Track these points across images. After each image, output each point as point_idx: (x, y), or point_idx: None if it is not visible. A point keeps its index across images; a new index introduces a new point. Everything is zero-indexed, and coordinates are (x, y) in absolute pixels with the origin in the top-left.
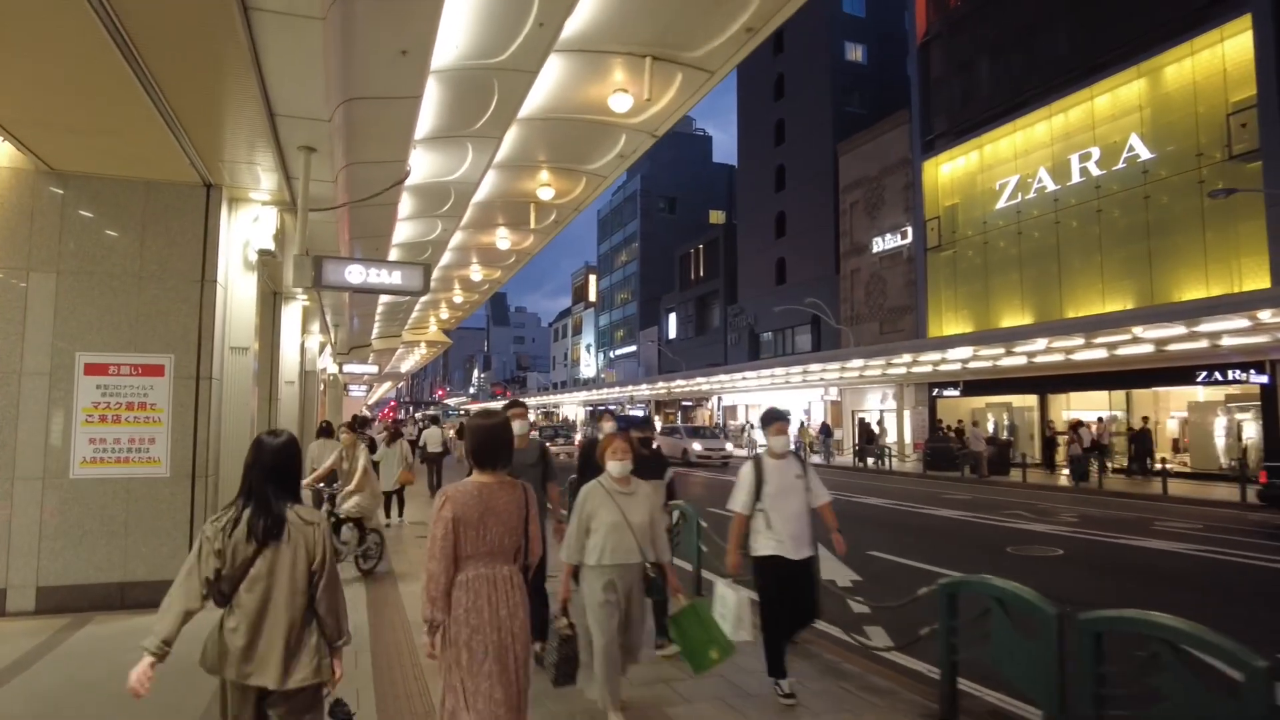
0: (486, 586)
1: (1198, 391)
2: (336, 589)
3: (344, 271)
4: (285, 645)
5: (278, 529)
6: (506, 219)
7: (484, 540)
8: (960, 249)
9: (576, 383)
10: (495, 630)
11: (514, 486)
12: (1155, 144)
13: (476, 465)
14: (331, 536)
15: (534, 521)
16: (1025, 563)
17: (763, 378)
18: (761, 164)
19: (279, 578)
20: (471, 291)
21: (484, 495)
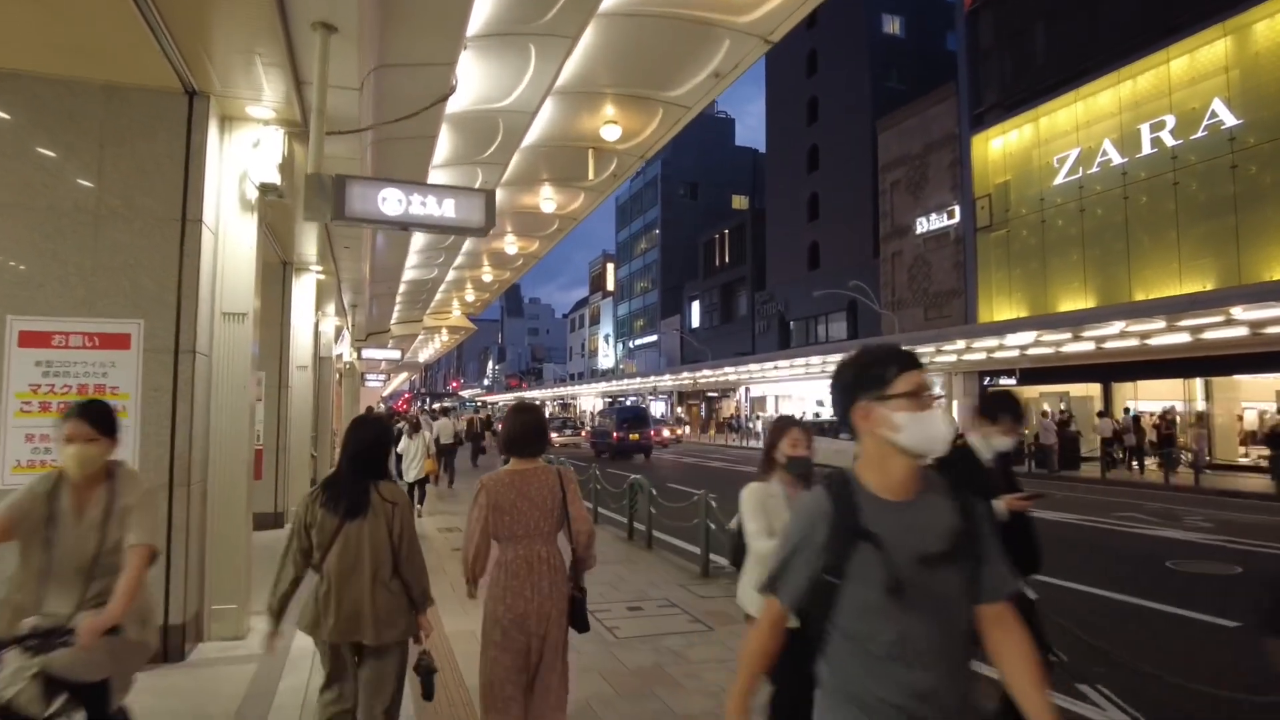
0: (523, 567)
1: None
2: (417, 557)
3: (377, 198)
4: (374, 607)
5: (360, 507)
6: (555, 173)
7: (519, 524)
8: (1014, 228)
9: (594, 374)
10: (526, 609)
11: (548, 472)
12: (1244, 109)
13: (509, 453)
14: (411, 508)
15: (574, 502)
16: (1207, 584)
17: (796, 367)
18: (792, 144)
19: (364, 548)
20: (503, 269)
21: (516, 482)
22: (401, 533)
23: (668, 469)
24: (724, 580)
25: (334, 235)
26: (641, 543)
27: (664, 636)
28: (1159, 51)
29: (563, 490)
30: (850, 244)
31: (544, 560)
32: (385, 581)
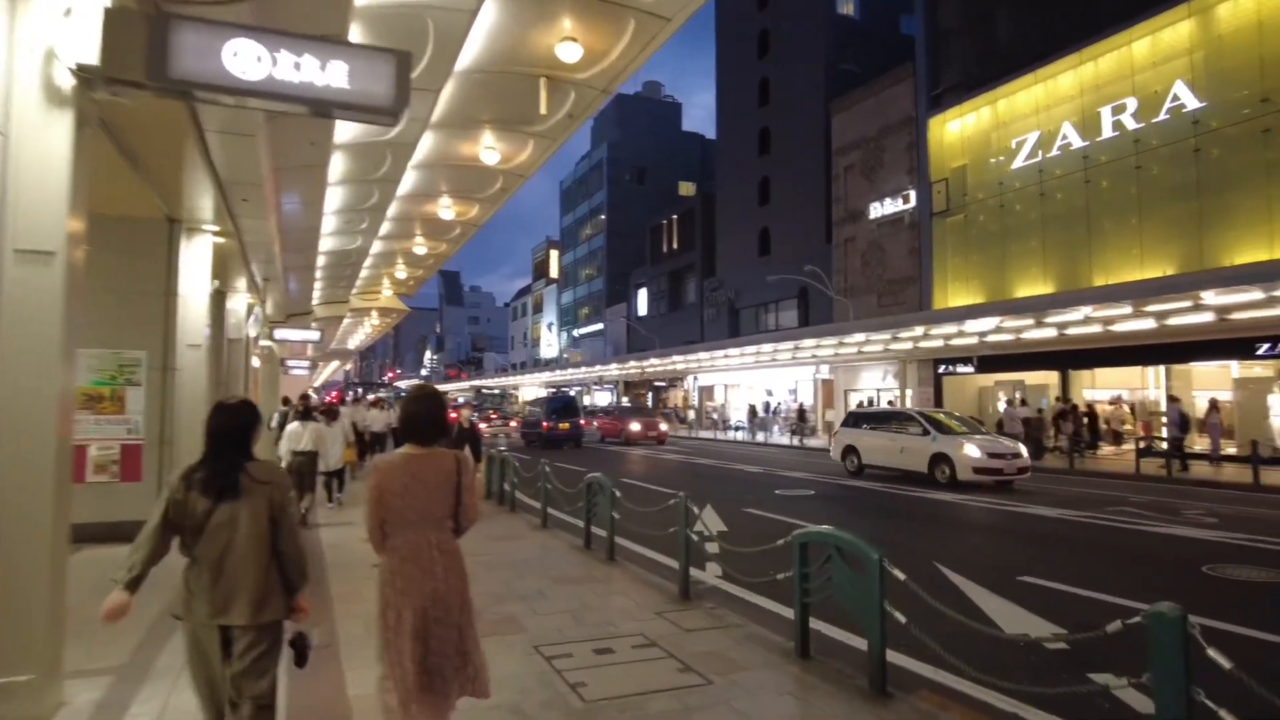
0: (412, 552)
1: (1234, 366)
2: (295, 537)
3: (222, 52)
4: (248, 588)
5: (232, 488)
6: (499, 112)
7: (411, 509)
8: (971, 213)
9: (538, 363)
10: (418, 595)
11: (444, 456)
12: (1207, 91)
13: (404, 440)
14: (291, 492)
15: (468, 490)
16: (1263, 595)
17: (747, 355)
18: (743, 127)
19: (239, 529)
20: (438, 239)
21: (410, 465)
22: (279, 513)
23: (621, 463)
24: (710, 604)
25: (226, 184)
26: (601, 552)
27: (649, 698)
28: (1121, 33)
29: (459, 476)
30: (802, 230)
31: (435, 545)
32: (261, 562)
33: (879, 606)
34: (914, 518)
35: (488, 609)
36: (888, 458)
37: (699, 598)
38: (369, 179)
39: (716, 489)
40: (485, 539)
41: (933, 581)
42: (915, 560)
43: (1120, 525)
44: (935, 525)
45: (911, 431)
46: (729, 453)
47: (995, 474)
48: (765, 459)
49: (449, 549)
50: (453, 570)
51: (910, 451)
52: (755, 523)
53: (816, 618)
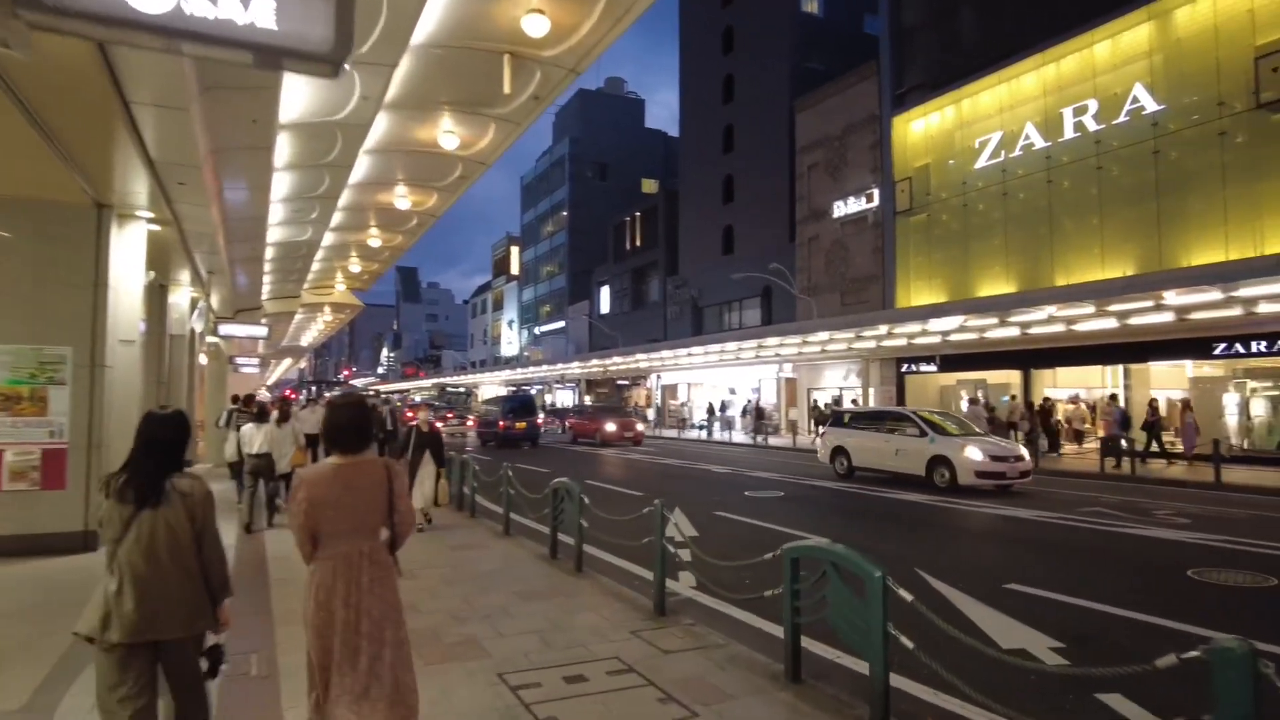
0: (343, 564)
1: (1188, 366)
2: (217, 548)
3: None
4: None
5: (153, 496)
6: (458, 93)
7: (343, 519)
8: (934, 212)
9: (498, 361)
10: (346, 607)
11: (374, 465)
12: (1166, 94)
13: (331, 448)
14: (211, 502)
15: (401, 496)
16: (1251, 602)
17: (710, 353)
18: (707, 124)
19: (159, 539)
20: (394, 230)
21: (341, 475)
22: (202, 524)
23: (587, 464)
24: (688, 619)
25: (160, 165)
26: (568, 562)
27: None
28: (1083, 34)
29: (390, 484)
30: (766, 228)
31: (366, 556)
32: (189, 573)
33: (882, 630)
34: (899, 521)
35: (447, 630)
36: (881, 460)
37: (675, 612)
38: (319, 164)
39: (685, 490)
40: (445, 549)
41: (916, 590)
42: (896, 567)
43: (1098, 527)
44: (919, 529)
45: (908, 433)
46: (695, 452)
47: (998, 478)
48: (732, 459)
49: (379, 560)
50: (381, 581)
51: (906, 453)
52: (728, 527)
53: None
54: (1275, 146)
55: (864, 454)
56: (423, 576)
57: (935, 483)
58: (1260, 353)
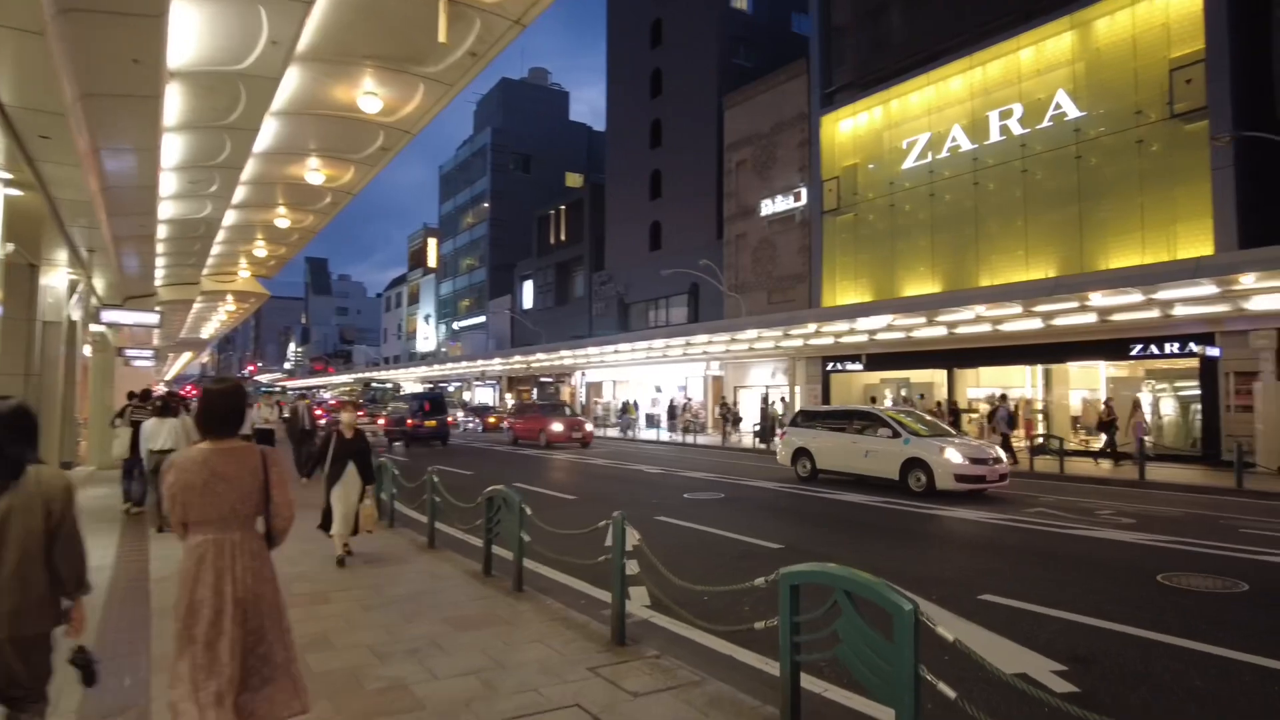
0: (213, 552)
1: (1102, 367)
2: (76, 546)
3: None
4: (18, 596)
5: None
6: (382, 45)
7: (212, 506)
8: (861, 212)
9: (413, 357)
10: (217, 596)
11: (248, 452)
12: (1088, 102)
13: (202, 432)
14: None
15: (277, 486)
16: (1225, 608)
17: (637, 351)
18: (634, 118)
19: (11, 534)
20: (304, 210)
21: (210, 462)
22: (60, 521)
23: (507, 464)
24: (651, 650)
25: (11, 111)
26: (504, 579)
27: None
28: (1009, 40)
29: (265, 473)
30: (694, 225)
31: (238, 545)
32: (33, 571)
33: (912, 675)
34: (862, 527)
35: (369, 672)
36: (849, 462)
37: (634, 640)
38: (218, 125)
39: (618, 493)
40: (361, 564)
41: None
42: None
43: (1050, 529)
44: (885, 536)
45: (880, 433)
46: (624, 452)
47: (977, 481)
48: (662, 458)
49: (253, 549)
50: (256, 572)
51: (878, 455)
52: (675, 534)
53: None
54: (1188, 155)
55: (830, 455)
56: (337, 600)
57: (910, 486)
58: (1173, 354)
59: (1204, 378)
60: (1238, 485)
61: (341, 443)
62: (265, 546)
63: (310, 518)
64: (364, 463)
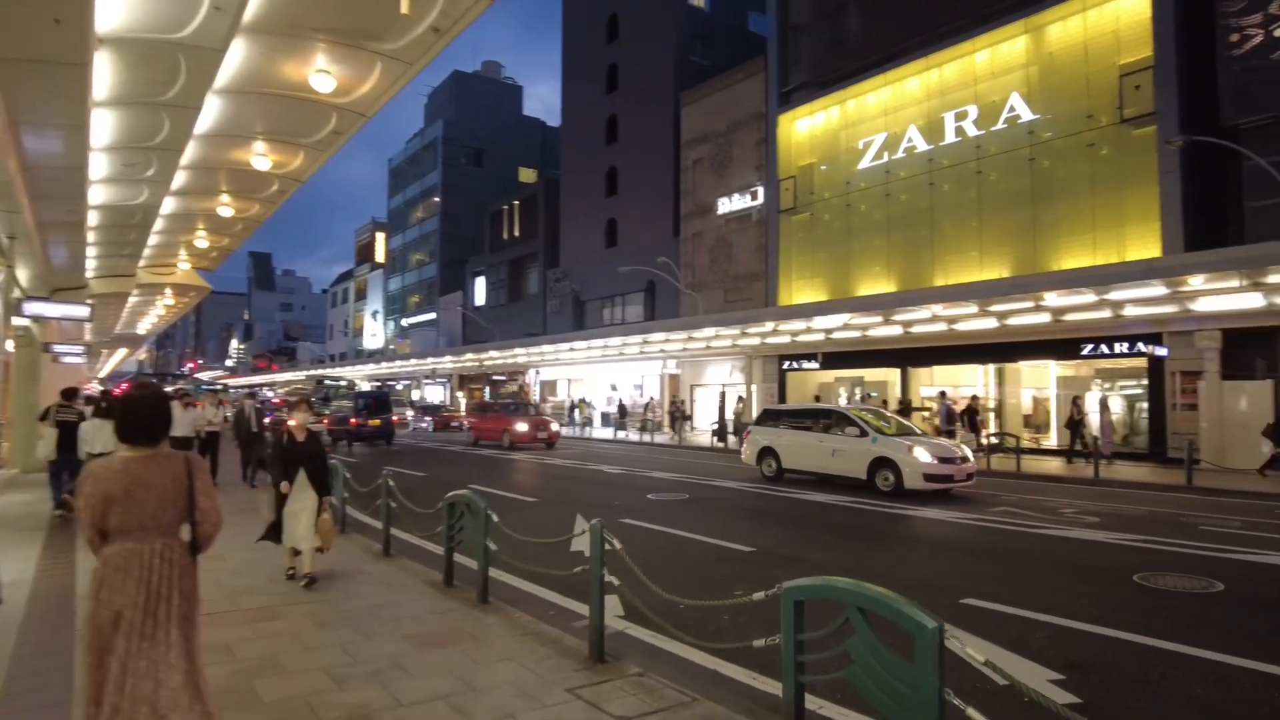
0: (134, 561)
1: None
2: None
3: None
4: None
5: None
6: (337, 18)
7: (133, 515)
8: (818, 211)
9: (360, 354)
10: (133, 608)
11: (172, 460)
12: (1041, 105)
13: (123, 440)
14: None
15: (203, 494)
16: (1204, 608)
17: (594, 348)
18: (590, 113)
19: None
20: (249, 198)
21: (131, 470)
22: None
23: (462, 465)
24: (633, 667)
25: None
26: (467, 590)
27: None
28: (966, 42)
29: (190, 480)
30: (650, 222)
31: (158, 554)
32: None
33: (936, 699)
34: (834, 528)
35: (326, 699)
36: (816, 461)
37: (613, 655)
38: (156, 100)
39: (579, 494)
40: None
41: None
42: None
43: (1020, 529)
44: (859, 538)
45: (847, 432)
46: (582, 452)
47: (945, 480)
48: (622, 458)
49: (174, 558)
50: (174, 581)
51: (845, 454)
52: (643, 538)
53: None
54: (1137, 159)
55: (796, 455)
56: (288, 615)
57: (878, 486)
58: (1123, 354)
59: (1151, 377)
60: (1188, 482)
61: (292, 446)
62: (188, 555)
63: (255, 523)
64: (319, 470)
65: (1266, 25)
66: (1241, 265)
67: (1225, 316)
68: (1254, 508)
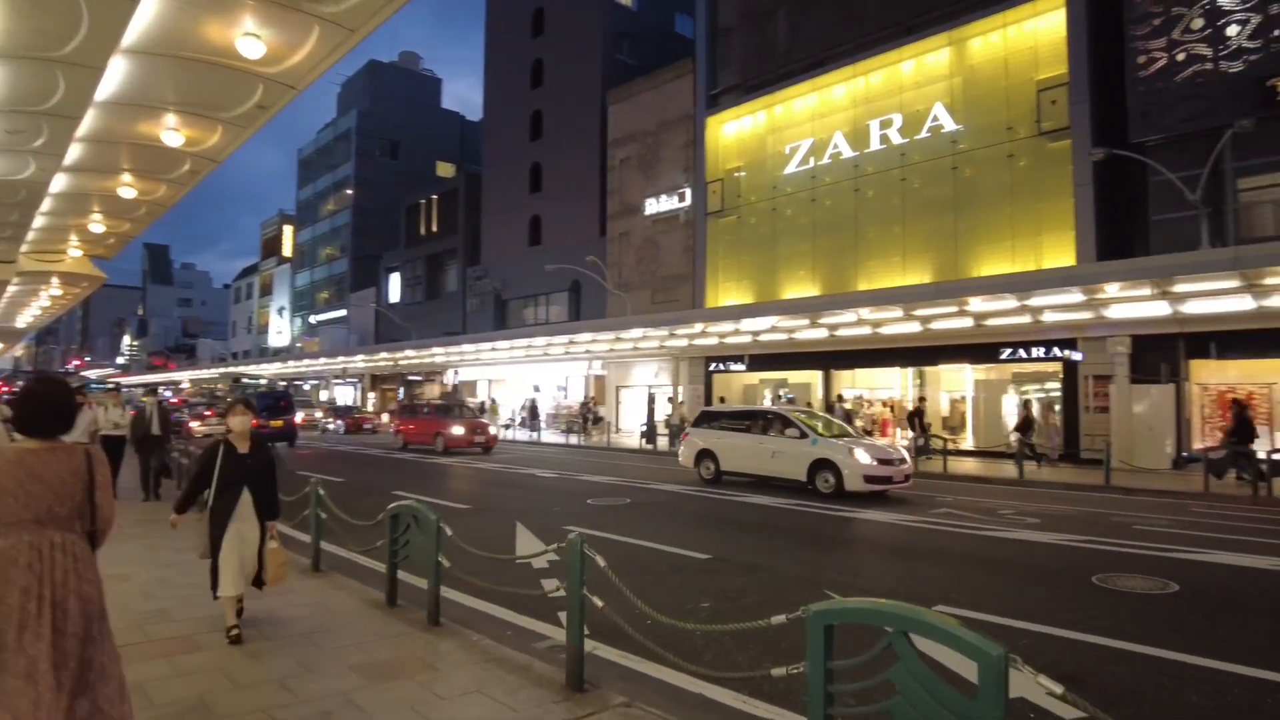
0: (25, 554)
1: (968, 370)
2: None
3: None
4: None
5: None
6: None
7: (26, 506)
8: (744, 215)
9: (265, 352)
10: (33, 599)
11: (71, 453)
12: (964, 115)
13: (23, 432)
14: None
15: (102, 489)
16: (1164, 609)
17: (517, 348)
18: (514, 108)
19: None
20: (156, 179)
21: (27, 461)
22: None
23: (386, 470)
24: (617, 697)
25: None
26: (414, 610)
27: None
28: (892, 51)
29: (90, 474)
30: (576, 220)
31: (58, 547)
32: None
33: None
34: (785, 532)
35: None
36: (755, 463)
37: (593, 683)
38: (48, 56)
39: (516, 500)
40: None
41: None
42: (807, 590)
43: (966, 531)
44: (813, 542)
45: (787, 434)
46: (510, 455)
47: (885, 482)
48: (551, 461)
49: (75, 551)
50: (78, 574)
51: (785, 456)
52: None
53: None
54: (1053, 170)
55: (735, 457)
56: (212, 646)
57: (819, 488)
58: (1039, 358)
59: (1066, 381)
60: (1106, 482)
61: (233, 460)
62: (88, 548)
63: (164, 536)
64: (266, 489)
65: (1170, 50)
66: (1153, 274)
67: (1135, 324)
68: (1170, 505)
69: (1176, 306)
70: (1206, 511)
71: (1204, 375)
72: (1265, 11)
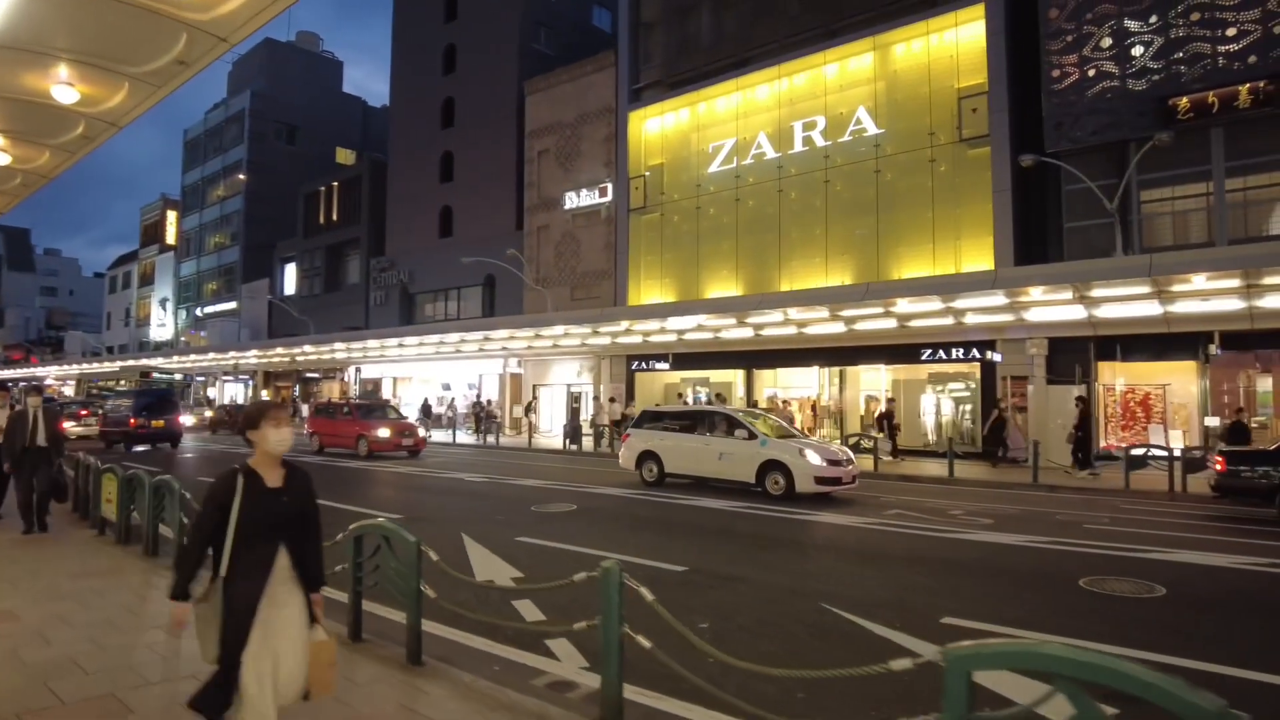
0: None
1: (883, 370)
2: None
3: None
4: None
5: None
6: None
7: None
8: (667, 212)
9: (144, 347)
10: None
11: None
12: (886, 120)
13: None
14: None
15: None
16: (1160, 613)
17: (427, 344)
18: (424, 94)
19: None
20: (39, 142)
21: None
22: None
23: None
24: None
25: None
26: (383, 646)
27: None
28: (816, 53)
29: None
30: (491, 212)
31: None
32: None
33: None
34: (746, 538)
35: None
36: (701, 465)
37: None
38: None
39: (455, 508)
40: (165, 630)
41: (851, 634)
42: (797, 602)
43: (929, 534)
44: (780, 548)
45: (735, 435)
46: (439, 459)
47: (834, 483)
48: (476, 464)
49: None
50: None
51: (733, 458)
52: (548, 558)
53: None
54: (972, 176)
55: (680, 458)
56: (142, 709)
57: (768, 490)
58: (959, 359)
59: (984, 381)
60: (1034, 480)
61: (260, 499)
62: None
63: (47, 558)
64: (309, 542)
65: (1081, 65)
66: (1075, 279)
67: (1051, 326)
68: (1103, 503)
69: (1091, 310)
70: (1138, 508)
71: (1108, 376)
72: (1167, 35)
